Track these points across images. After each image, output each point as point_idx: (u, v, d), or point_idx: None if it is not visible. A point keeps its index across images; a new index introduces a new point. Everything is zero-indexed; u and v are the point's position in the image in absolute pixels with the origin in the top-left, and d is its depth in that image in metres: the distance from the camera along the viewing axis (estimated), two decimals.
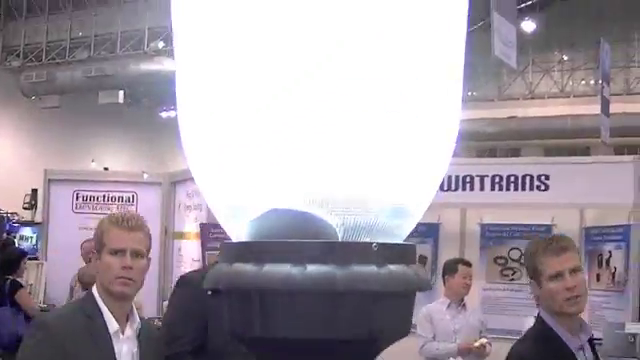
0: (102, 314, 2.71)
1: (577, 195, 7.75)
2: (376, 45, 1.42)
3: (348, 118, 1.42)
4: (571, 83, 25.80)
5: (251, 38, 1.43)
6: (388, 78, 1.44)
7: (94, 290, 2.77)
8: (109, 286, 2.71)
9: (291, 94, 1.42)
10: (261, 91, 1.43)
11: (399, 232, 1.56)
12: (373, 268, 1.45)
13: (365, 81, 1.42)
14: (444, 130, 1.56)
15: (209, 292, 1.55)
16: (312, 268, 1.42)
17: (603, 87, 15.44)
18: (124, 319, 2.77)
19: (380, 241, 1.48)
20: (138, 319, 2.83)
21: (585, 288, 2.87)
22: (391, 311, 1.50)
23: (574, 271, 2.76)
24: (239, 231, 1.55)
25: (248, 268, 1.46)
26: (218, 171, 1.53)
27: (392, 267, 1.47)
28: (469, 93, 23.94)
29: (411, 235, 1.64)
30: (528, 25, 20.09)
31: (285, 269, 1.43)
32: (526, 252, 3.03)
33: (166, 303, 8.95)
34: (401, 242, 1.56)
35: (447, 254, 7.52)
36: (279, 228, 1.47)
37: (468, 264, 6.61)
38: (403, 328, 1.56)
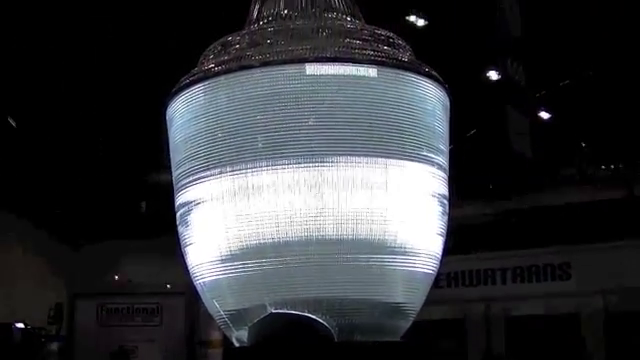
0: None
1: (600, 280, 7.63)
2: None
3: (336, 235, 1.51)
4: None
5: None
6: None
7: None
8: None
9: None
10: None
11: (395, 330, 1.61)
12: None
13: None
14: (431, 234, 1.63)
15: None
16: None
17: None
18: None
19: (376, 339, 1.52)
20: None
21: None
22: None
23: None
24: (239, 336, 1.60)
25: None
26: (219, 279, 1.59)
27: None
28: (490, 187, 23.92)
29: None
30: (543, 114, 20.22)
31: None
32: None
33: None
34: (397, 340, 1.61)
35: (474, 348, 7.43)
36: (277, 331, 1.52)
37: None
38: None
